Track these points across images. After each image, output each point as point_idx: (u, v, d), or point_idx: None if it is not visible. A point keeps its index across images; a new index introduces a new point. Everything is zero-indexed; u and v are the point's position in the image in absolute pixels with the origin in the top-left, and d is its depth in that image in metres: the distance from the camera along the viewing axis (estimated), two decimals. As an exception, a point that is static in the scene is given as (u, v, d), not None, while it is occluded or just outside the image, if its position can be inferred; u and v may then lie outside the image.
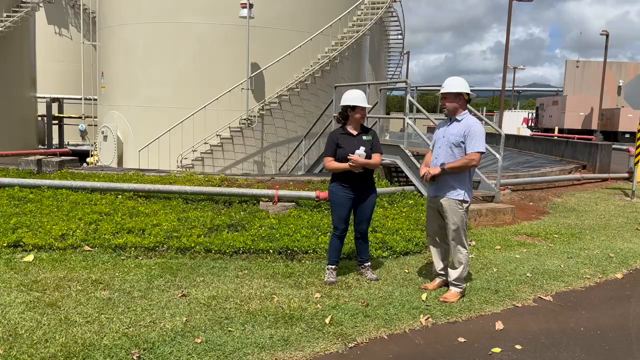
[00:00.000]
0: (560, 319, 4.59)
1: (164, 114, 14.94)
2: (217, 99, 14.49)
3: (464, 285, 5.00)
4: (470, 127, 4.78)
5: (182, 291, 4.83)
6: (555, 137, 24.13)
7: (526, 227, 7.93)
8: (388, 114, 43.39)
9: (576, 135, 28.42)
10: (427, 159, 5.20)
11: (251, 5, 14.02)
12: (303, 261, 5.91)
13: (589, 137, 27.65)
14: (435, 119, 10.22)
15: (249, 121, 14.92)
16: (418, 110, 9.75)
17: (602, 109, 37.18)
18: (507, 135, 16.38)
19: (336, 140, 5.14)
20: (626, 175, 13.27)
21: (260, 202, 7.55)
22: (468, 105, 5.07)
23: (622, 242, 7.18)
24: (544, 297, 5.09)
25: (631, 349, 4.05)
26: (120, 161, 16.06)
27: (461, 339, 4.13)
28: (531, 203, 9.90)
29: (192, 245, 6.04)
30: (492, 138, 16.89)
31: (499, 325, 4.39)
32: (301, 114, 15.85)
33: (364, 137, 5.15)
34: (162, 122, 14.70)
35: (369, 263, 5.46)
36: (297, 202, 7.58)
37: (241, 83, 14.63)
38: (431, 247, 5.25)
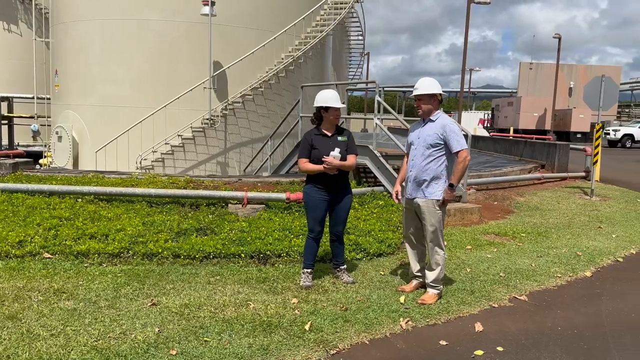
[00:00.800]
0: (537, 319, 4.61)
1: (123, 113, 14.46)
2: (178, 98, 14.11)
3: (441, 286, 4.96)
4: (446, 127, 4.75)
5: (152, 300, 4.61)
6: (511, 138, 24.71)
7: (494, 227, 8.02)
8: (348, 114, 43.48)
9: (534, 136, 29.21)
10: (401, 174, 5.12)
11: (213, 3, 13.73)
12: (276, 265, 5.76)
13: (545, 137, 28.47)
14: (404, 120, 10.24)
15: (211, 121, 14.61)
16: (385, 111, 9.73)
17: (555, 109, 38.41)
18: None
19: (311, 141, 5.03)
20: (583, 174, 13.67)
21: (229, 205, 7.34)
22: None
23: (587, 241, 7.33)
24: (519, 297, 5.12)
25: (608, 347, 4.09)
26: (75, 163, 15.45)
27: (443, 342, 4.08)
28: (496, 202, 10.04)
29: (160, 250, 5.80)
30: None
31: (479, 327, 4.37)
32: (265, 114, 15.65)
33: (339, 138, 5.06)
34: (120, 121, 14.22)
35: (345, 266, 5.37)
36: (267, 204, 7.41)
37: (203, 82, 14.31)
38: (408, 248, 5.19)
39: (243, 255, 5.87)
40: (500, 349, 4.00)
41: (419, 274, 5.12)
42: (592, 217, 8.99)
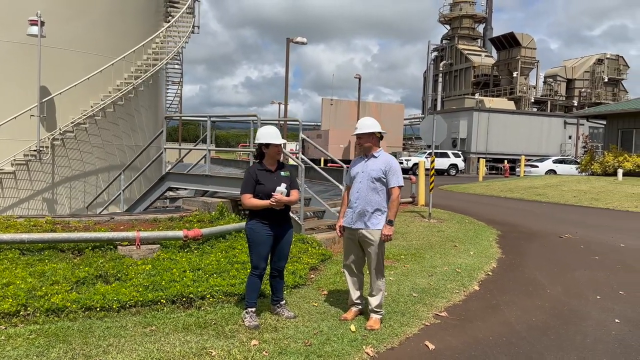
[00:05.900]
0: (468, 332, 5.14)
1: None
2: (-3, 127, 12.26)
3: (383, 311, 5.24)
4: (389, 163, 5.11)
5: (99, 361, 4.02)
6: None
7: (373, 252, 8.60)
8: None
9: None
10: (343, 209, 5.31)
11: (42, 23, 12.34)
12: (203, 308, 5.43)
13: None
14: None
15: (38, 153, 12.95)
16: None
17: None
18: (297, 166, 17.26)
19: (255, 176, 4.96)
20: (410, 199, 15.40)
21: (119, 247, 6.66)
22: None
23: (454, 259, 8.31)
24: (440, 314, 5.64)
25: (537, 349, 4.76)
26: None
27: (413, 364, 4.34)
28: (358, 229, 10.73)
29: (67, 304, 5.04)
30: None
31: (431, 345, 4.73)
32: (99, 145, 14.43)
33: (282, 173, 5.08)
34: None
35: (284, 301, 5.33)
36: (161, 244, 6.90)
37: (30, 109, 12.67)
38: (347, 277, 5.37)
39: (164, 300, 5.41)
40: (462, 363, 4.41)
41: (357, 301, 5.34)
42: (443, 238, 10.19)
